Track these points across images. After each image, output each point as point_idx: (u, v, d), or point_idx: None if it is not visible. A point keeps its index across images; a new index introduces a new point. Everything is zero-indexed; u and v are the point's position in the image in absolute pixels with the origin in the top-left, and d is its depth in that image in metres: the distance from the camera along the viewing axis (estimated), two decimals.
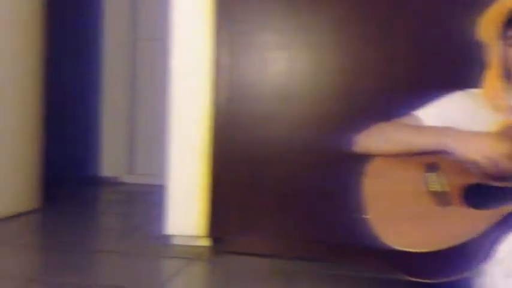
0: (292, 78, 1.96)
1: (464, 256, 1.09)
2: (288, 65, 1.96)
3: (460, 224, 1.12)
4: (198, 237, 2.05)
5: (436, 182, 1.23)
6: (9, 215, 2.39)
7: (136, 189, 3.43)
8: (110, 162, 3.63)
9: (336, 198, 1.88)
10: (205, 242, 2.06)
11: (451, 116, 1.33)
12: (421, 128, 1.35)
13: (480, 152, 1.19)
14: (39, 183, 2.60)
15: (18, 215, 2.44)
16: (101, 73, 3.64)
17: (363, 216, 1.23)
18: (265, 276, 1.72)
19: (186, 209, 2.03)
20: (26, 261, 1.82)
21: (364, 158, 1.37)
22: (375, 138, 1.39)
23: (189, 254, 1.95)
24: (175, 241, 2.07)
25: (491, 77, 1.35)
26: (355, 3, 1.91)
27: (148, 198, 3.14)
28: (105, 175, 3.63)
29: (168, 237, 2.08)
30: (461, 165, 1.23)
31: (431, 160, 1.27)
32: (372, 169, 1.33)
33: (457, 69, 1.75)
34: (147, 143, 3.61)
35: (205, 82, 2.00)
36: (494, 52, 1.34)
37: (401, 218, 1.19)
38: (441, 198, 1.19)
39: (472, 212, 1.15)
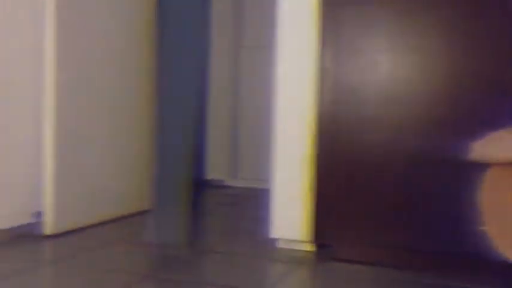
0: (397, 82, 1.92)
1: None
2: (393, 68, 1.92)
3: None
4: (302, 242, 2.07)
5: None
6: (123, 215, 2.56)
7: (240, 192, 3.53)
8: (215, 165, 3.77)
9: (442, 207, 1.81)
10: (309, 247, 2.08)
11: None
12: None
13: None
14: (151, 185, 2.76)
15: (132, 215, 2.60)
16: (206, 79, 3.78)
17: (479, 227, 1.18)
18: (367, 285, 1.70)
19: (291, 214, 2.06)
20: (140, 258, 1.93)
21: (479, 167, 1.31)
22: (493, 146, 1.32)
23: (293, 258, 1.97)
24: (280, 245, 2.11)
25: None
26: (463, 5, 1.83)
27: (253, 202, 3.21)
28: (211, 178, 3.77)
29: (273, 240, 2.12)
30: None
31: None
32: (489, 178, 1.27)
33: None
34: (251, 148, 3.70)
35: (309, 87, 2.02)
36: None
37: None
38: None
39: None
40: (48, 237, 2.15)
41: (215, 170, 3.78)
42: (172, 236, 1.98)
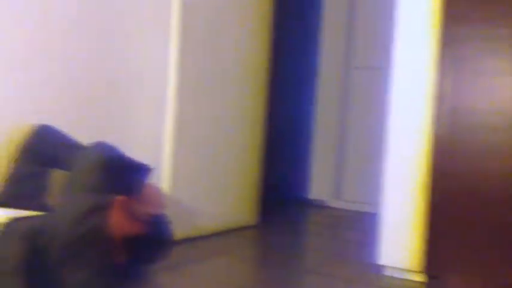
0: None
1: None
2: None
3: None
4: (411, 271, 1.99)
5: None
6: (229, 229, 2.61)
7: (342, 214, 3.47)
8: (318, 185, 3.74)
9: None
10: (420, 278, 1.99)
11: None
12: None
13: None
14: (257, 201, 2.80)
15: (237, 229, 2.65)
16: (315, 98, 3.79)
17: None
18: None
19: (401, 241, 1.98)
20: (240, 273, 1.95)
21: None
22: None
23: (399, 285, 1.90)
24: (387, 272, 2.04)
25: None
26: None
27: (355, 224, 3.15)
28: (313, 198, 3.74)
29: (379, 266, 2.06)
30: None
31: None
32: None
33: None
34: (356, 170, 3.63)
35: (425, 110, 1.95)
36: None
37: None
38: None
39: None
40: None
41: (318, 190, 3.75)
42: None
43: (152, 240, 1.69)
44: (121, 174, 1.53)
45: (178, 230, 2.29)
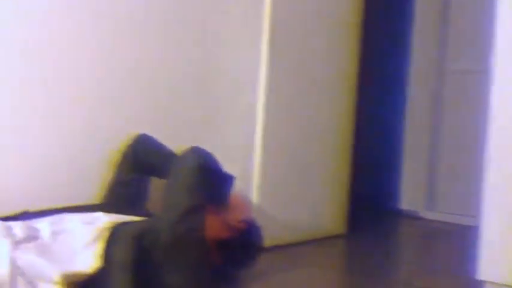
0: None
1: None
2: None
3: None
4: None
5: None
6: (317, 238, 2.59)
7: (436, 225, 3.33)
8: (410, 196, 3.62)
9: None
10: None
11: None
12: None
13: None
14: (345, 210, 2.76)
15: (325, 239, 2.62)
16: (407, 103, 3.68)
17: None
18: None
19: (501, 255, 1.87)
20: (327, 283, 1.93)
21: None
22: None
23: None
24: (485, 287, 1.93)
25: None
26: None
27: (449, 237, 3.01)
28: (405, 208, 3.63)
29: (478, 282, 1.95)
30: None
31: None
32: None
33: None
34: (450, 180, 3.48)
35: None
36: None
37: None
38: None
39: None
40: None
41: (410, 199, 3.63)
42: None
43: (244, 245, 1.72)
44: (214, 180, 1.58)
45: (267, 238, 2.30)
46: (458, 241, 2.82)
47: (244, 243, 1.72)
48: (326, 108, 2.59)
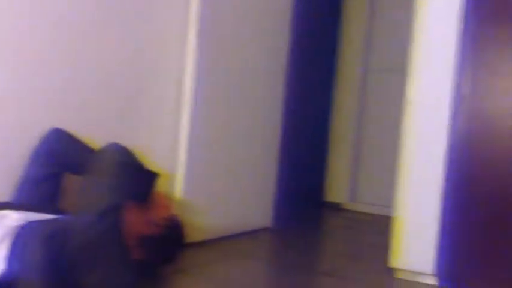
0: None
1: None
2: None
3: None
4: (425, 274, 1.97)
5: None
6: (244, 231, 2.61)
7: (359, 216, 3.46)
8: (335, 188, 3.73)
9: None
10: (433, 281, 1.97)
11: None
12: None
13: None
14: (272, 203, 2.80)
15: (252, 232, 2.65)
16: (333, 100, 3.78)
17: None
18: None
19: (415, 244, 1.97)
20: (255, 275, 1.96)
21: None
22: None
23: None
24: (401, 275, 2.02)
25: None
26: None
27: (371, 227, 3.13)
28: (329, 200, 3.74)
29: (393, 270, 2.04)
30: None
31: None
32: None
33: None
34: (372, 173, 3.62)
35: (443, 113, 1.93)
36: None
37: None
38: None
39: None
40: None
41: (334, 192, 3.74)
42: None
43: (166, 241, 1.71)
44: (135, 176, 1.55)
45: (195, 233, 2.31)
46: (379, 231, 2.94)
47: (166, 239, 1.71)
48: (254, 103, 2.61)
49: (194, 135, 2.28)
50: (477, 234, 1.85)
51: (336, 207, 3.69)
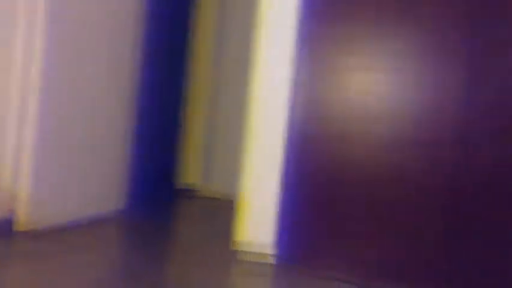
0: (369, 100, 1.95)
1: None
2: (365, 87, 1.96)
3: None
4: (267, 253, 2.08)
5: None
6: (97, 217, 2.53)
7: (211, 201, 3.53)
8: (188, 172, 3.76)
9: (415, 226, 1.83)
10: (275, 259, 2.08)
11: None
12: None
13: None
14: (125, 188, 2.75)
15: (105, 218, 2.58)
16: (186, 85, 3.78)
17: None
18: None
19: (257, 225, 2.06)
20: (107, 260, 1.92)
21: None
22: None
23: (256, 270, 1.97)
24: (244, 256, 2.11)
25: None
26: (438, 30, 1.88)
27: (222, 211, 3.21)
28: (183, 184, 3.76)
29: (236, 252, 2.12)
30: None
31: None
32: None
33: None
34: (226, 158, 3.70)
35: (282, 100, 2.04)
36: None
37: None
38: None
39: None
40: (21, 233, 2.12)
41: (188, 175, 3.77)
42: None
43: None
44: None
45: (41, 221, 2.18)
46: (230, 214, 3.02)
47: None
48: (104, 86, 2.52)
49: (40, 121, 2.15)
50: (311, 214, 1.99)
51: (190, 190, 3.72)
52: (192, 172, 3.76)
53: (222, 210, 3.23)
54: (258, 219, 2.06)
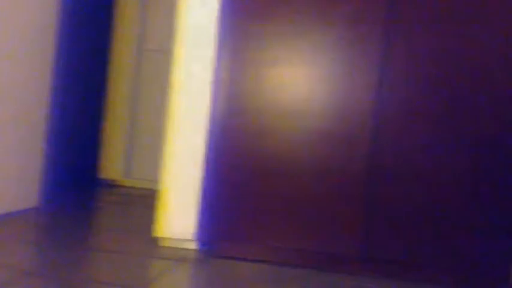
0: (287, 95, 2.07)
1: None
2: (284, 81, 2.07)
3: None
4: (187, 240, 2.17)
5: None
6: (10, 212, 2.51)
7: (133, 192, 3.55)
8: (110, 166, 3.77)
9: (329, 210, 1.99)
10: (194, 246, 2.18)
11: None
12: None
13: None
14: (41, 182, 2.73)
15: (20, 212, 2.55)
16: (108, 79, 3.78)
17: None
18: (249, 281, 1.82)
19: (177, 213, 2.15)
20: (24, 257, 1.92)
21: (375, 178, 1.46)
22: None
23: (177, 256, 2.06)
24: (166, 243, 2.19)
25: None
26: (356, 25, 2.03)
27: (144, 201, 3.25)
28: (104, 177, 3.76)
29: (157, 239, 2.20)
30: None
31: None
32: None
33: None
34: (146, 150, 3.74)
35: (206, 95, 2.13)
36: None
37: None
38: None
39: None
40: None
41: (109, 169, 3.78)
42: None
43: None
44: None
45: None
46: (151, 205, 3.08)
47: None
48: (19, 81, 2.50)
49: None
50: (229, 204, 2.10)
51: (111, 184, 3.74)
52: (113, 166, 3.77)
53: (143, 201, 3.27)
54: (177, 206, 2.15)
